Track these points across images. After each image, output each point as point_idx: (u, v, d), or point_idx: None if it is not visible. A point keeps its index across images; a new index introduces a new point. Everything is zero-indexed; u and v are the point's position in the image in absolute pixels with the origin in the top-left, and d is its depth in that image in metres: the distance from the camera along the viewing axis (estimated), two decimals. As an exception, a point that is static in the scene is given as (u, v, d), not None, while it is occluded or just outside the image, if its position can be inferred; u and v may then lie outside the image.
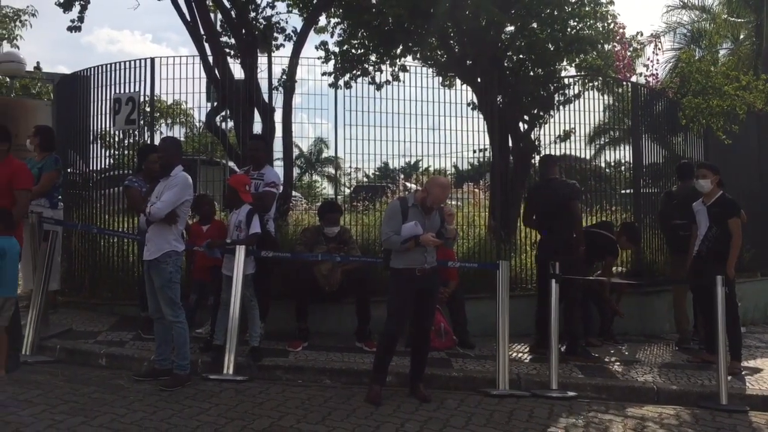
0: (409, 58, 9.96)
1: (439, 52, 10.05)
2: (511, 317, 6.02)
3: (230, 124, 9.65)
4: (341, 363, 6.25)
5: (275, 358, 6.26)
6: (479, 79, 9.08)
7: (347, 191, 11.19)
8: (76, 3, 8.58)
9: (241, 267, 6.07)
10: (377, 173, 11.50)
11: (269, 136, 8.43)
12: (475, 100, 9.14)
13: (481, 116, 8.90)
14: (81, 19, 8.69)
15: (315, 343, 6.84)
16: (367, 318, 6.90)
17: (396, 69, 9.87)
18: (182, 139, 16.80)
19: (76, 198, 8.79)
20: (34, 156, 6.94)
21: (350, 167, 10.25)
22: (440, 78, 9.74)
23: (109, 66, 8.30)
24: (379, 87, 9.46)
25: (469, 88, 9.17)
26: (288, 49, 9.69)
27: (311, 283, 6.90)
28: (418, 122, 8.59)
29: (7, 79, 16.24)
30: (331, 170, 27.30)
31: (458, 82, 9.53)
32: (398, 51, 9.90)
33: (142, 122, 8.49)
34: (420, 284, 5.49)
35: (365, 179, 11.13)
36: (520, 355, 7.02)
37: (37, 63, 19.89)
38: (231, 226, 6.40)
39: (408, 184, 11.11)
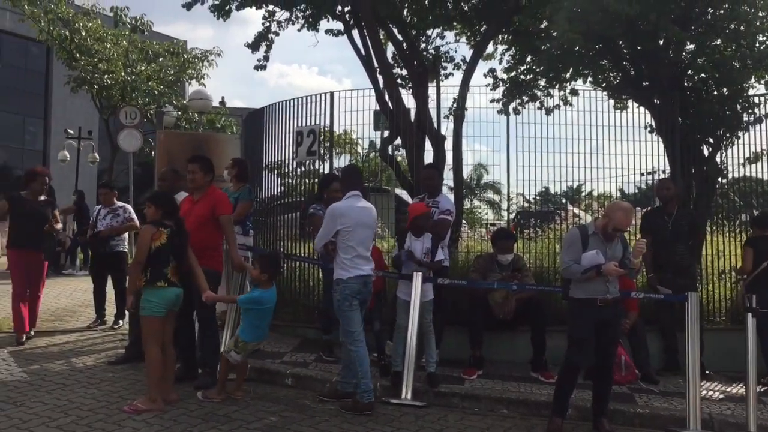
0: (580, 81, 9.80)
1: (612, 74, 9.77)
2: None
3: (400, 152, 9.96)
4: (518, 393, 6.17)
5: (451, 385, 6.29)
6: (657, 101, 8.71)
7: (509, 216, 11.10)
8: (263, 44, 9.30)
9: (418, 292, 6.17)
10: (538, 198, 11.34)
11: (440, 164, 8.57)
12: (653, 123, 8.78)
13: (654, 138, 8.53)
14: (267, 58, 9.44)
15: (489, 371, 6.81)
16: (542, 348, 6.77)
17: (566, 93, 9.74)
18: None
19: (259, 225, 9.37)
20: (229, 186, 7.52)
21: (511, 192, 10.18)
22: (612, 101, 9.45)
23: (292, 101, 8.81)
24: (548, 112, 9.35)
25: (644, 111, 8.82)
26: (456, 77, 9.87)
27: (485, 310, 6.90)
28: (585, 147, 8.38)
29: (196, 115, 17.80)
30: (492, 196, 27.24)
31: (632, 104, 9.21)
32: (568, 75, 9.77)
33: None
34: (601, 315, 5.32)
35: (526, 204, 10.99)
36: (710, 392, 6.56)
37: (222, 98, 21.72)
38: (418, 254, 6.43)
39: (575, 210, 10.84)
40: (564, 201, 11.15)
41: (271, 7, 9.41)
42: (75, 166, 24.63)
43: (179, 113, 20.24)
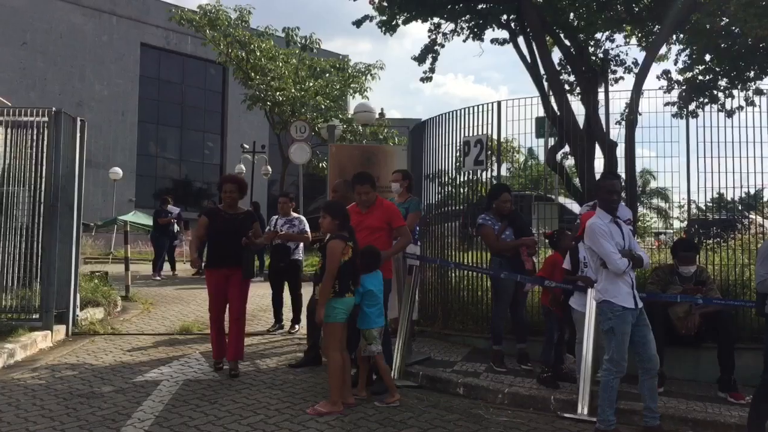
0: (766, 80, 9.14)
1: (807, 70, 9.02)
2: None
3: (568, 159, 9.71)
4: (705, 413, 5.80)
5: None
6: None
7: (679, 225, 10.47)
8: (429, 56, 9.46)
9: (593, 306, 5.99)
10: (712, 205, 10.61)
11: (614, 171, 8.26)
12: None
13: None
14: (432, 70, 9.57)
15: (671, 389, 6.46)
16: (730, 366, 6.32)
17: (750, 93, 9.09)
18: (507, 174, 17.36)
19: (422, 233, 9.47)
20: (395, 197, 7.71)
21: (683, 199, 9.59)
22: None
23: (460, 111, 8.81)
24: (730, 114, 8.76)
25: None
26: (627, 81, 9.50)
27: (665, 325, 6.56)
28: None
29: (360, 127, 18.41)
30: (659, 203, 25.85)
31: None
32: (752, 73, 9.15)
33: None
34: (802, 333, 4.91)
35: (696, 212, 10.31)
36: None
37: (381, 110, 22.33)
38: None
39: (760, 219, 10.05)
40: (740, 208, 10.36)
41: (436, 20, 9.54)
42: (250, 178, 26.30)
43: (344, 126, 21.05)
